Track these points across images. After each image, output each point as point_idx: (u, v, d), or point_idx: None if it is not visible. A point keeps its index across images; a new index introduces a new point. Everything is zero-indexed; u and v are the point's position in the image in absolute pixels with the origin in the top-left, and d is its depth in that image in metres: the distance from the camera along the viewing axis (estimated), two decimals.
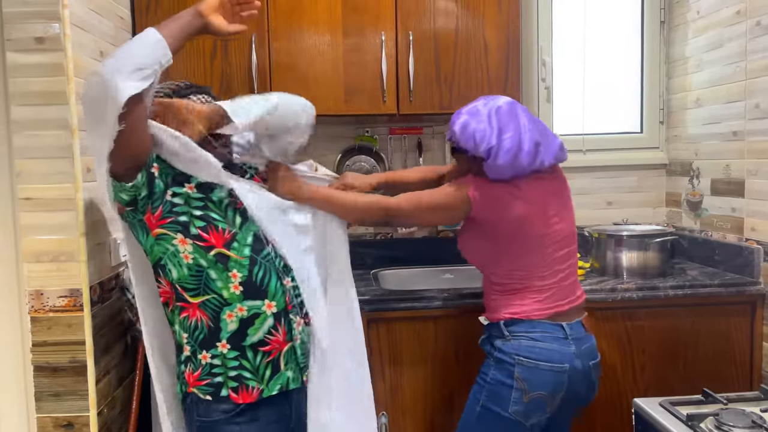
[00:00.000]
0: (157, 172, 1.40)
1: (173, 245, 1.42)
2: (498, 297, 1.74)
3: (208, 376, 1.45)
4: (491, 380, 1.69)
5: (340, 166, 2.69)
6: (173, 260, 1.43)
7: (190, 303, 1.44)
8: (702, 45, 2.50)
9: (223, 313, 1.43)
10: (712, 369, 2.15)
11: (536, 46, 2.74)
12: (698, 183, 2.55)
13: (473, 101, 1.73)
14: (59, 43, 1.62)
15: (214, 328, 1.44)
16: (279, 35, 2.25)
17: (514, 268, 1.70)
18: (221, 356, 1.44)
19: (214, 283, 1.43)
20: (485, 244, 1.73)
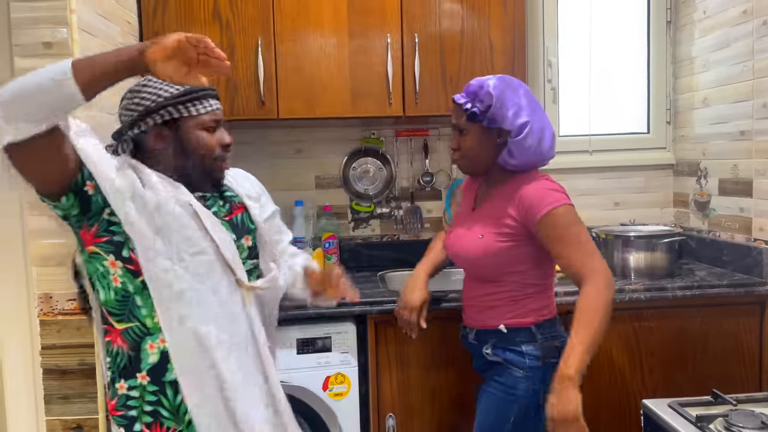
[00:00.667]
0: (92, 190, 1.29)
1: (103, 266, 1.34)
2: (526, 301, 1.64)
3: (123, 407, 1.35)
4: (523, 392, 1.59)
5: (346, 168, 2.69)
6: (102, 282, 1.35)
7: (114, 328, 1.35)
8: (708, 45, 2.49)
9: (144, 342, 1.34)
10: (721, 370, 2.14)
11: (542, 47, 2.73)
12: (706, 183, 2.54)
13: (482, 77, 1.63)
14: (67, 48, 1.63)
15: (134, 357, 1.34)
16: (285, 38, 2.26)
17: (551, 266, 1.66)
18: (140, 388, 1.35)
19: (139, 310, 1.33)
20: (531, 248, 1.60)
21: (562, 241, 1.53)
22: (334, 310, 2.02)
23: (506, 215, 1.60)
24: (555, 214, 1.53)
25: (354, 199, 2.71)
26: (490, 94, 1.57)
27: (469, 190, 1.84)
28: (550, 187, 1.58)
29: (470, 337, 1.74)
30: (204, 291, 1.36)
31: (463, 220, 1.77)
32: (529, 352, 1.61)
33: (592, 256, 1.51)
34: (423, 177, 2.71)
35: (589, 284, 1.48)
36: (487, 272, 1.66)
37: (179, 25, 2.21)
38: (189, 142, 1.40)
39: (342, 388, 2.03)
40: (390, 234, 2.74)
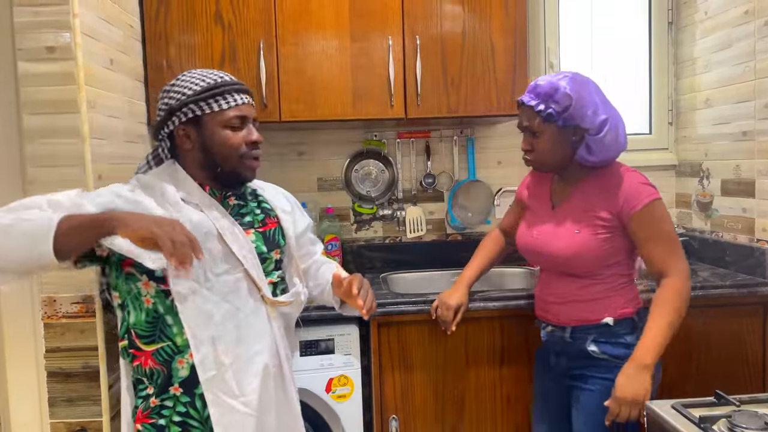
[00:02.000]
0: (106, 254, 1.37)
1: (137, 287, 1.38)
2: (624, 292, 1.68)
3: (156, 415, 1.39)
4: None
5: (348, 171, 2.70)
6: (134, 303, 1.39)
7: (143, 351, 1.40)
8: (710, 45, 2.49)
9: (174, 361, 1.38)
10: (724, 370, 2.13)
11: (543, 48, 2.74)
12: (708, 184, 2.54)
13: (550, 75, 1.65)
14: (70, 52, 1.63)
15: (166, 375, 1.39)
16: (287, 41, 2.26)
17: (631, 263, 1.70)
18: (173, 398, 1.39)
19: (170, 329, 1.37)
20: (626, 240, 1.64)
21: (654, 235, 1.59)
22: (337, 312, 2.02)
23: (600, 209, 1.64)
24: (651, 207, 1.59)
25: (356, 201, 2.72)
26: (569, 95, 1.58)
27: (537, 189, 1.84)
28: (643, 181, 1.64)
29: (565, 336, 1.70)
30: (230, 310, 1.38)
31: (542, 219, 1.76)
32: (633, 342, 1.62)
33: (678, 253, 1.60)
34: (425, 179, 2.71)
35: (672, 277, 1.57)
36: (585, 267, 1.66)
37: (181, 27, 2.21)
38: (212, 141, 1.41)
39: (345, 390, 2.03)
40: (392, 236, 2.74)
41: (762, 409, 1.43)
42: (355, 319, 2.07)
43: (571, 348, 1.70)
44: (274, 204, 1.57)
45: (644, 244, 1.60)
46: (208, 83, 1.39)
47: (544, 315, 1.77)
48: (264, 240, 1.49)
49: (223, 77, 1.43)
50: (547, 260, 1.73)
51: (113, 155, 1.86)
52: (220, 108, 1.39)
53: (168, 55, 2.22)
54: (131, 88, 2.08)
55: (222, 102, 1.39)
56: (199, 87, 1.39)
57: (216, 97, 1.38)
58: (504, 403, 2.12)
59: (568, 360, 1.72)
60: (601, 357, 1.65)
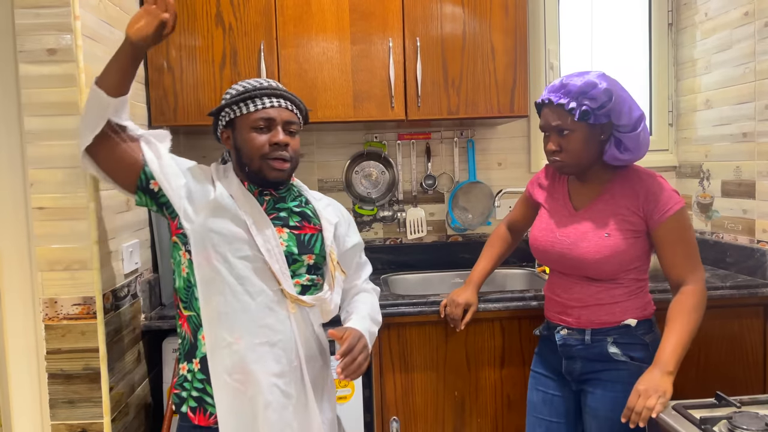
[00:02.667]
0: (157, 187, 1.47)
1: (179, 255, 1.50)
2: (642, 294, 1.69)
3: (179, 387, 1.50)
4: None
5: (348, 172, 2.70)
6: (177, 269, 1.51)
7: (183, 314, 1.50)
8: (710, 47, 2.49)
9: (200, 332, 1.46)
10: (724, 371, 2.14)
11: (544, 49, 2.74)
12: (709, 185, 2.54)
13: (573, 74, 1.62)
14: (71, 54, 1.64)
15: (194, 344, 1.48)
16: (287, 43, 2.27)
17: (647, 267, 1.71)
18: (192, 372, 1.47)
19: (197, 302, 1.45)
20: (648, 242, 1.65)
21: (680, 241, 1.60)
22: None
23: (628, 211, 1.63)
24: (681, 213, 1.60)
25: (357, 203, 2.72)
26: (608, 91, 1.55)
27: (553, 189, 1.81)
28: (671, 188, 1.64)
29: (585, 338, 1.67)
30: (242, 293, 1.43)
31: (565, 221, 1.72)
32: (650, 343, 1.65)
33: (698, 260, 1.62)
34: (425, 180, 2.71)
35: (691, 285, 1.58)
36: (611, 272, 1.64)
37: (182, 29, 2.22)
38: (241, 141, 1.50)
39: (346, 392, 2.03)
40: (393, 237, 2.74)
41: (762, 411, 1.43)
42: None
43: (589, 351, 1.67)
44: (321, 213, 1.61)
45: (669, 249, 1.60)
46: (243, 88, 1.49)
47: (561, 318, 1.73)
48: (297, 242, 1.52)
49: (261, 83, 1.50)
50: (572, 264, 1.68)
51: None
52: (247, 111, 1.47)
53: (169, 56, 2.23)
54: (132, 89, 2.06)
55: (250, 105, 1.47)
56: (235, 92, 1.49)
57: (246, 101, 1.47)
58: (504, 404, 2.12)
59: (583, 363, 1.69)
60: (622, 359, 1.64)
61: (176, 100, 2.24)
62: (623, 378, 1.61)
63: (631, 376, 1.57)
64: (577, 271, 1.68)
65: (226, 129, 1.53)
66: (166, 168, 1.47)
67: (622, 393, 1.57)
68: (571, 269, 1.69)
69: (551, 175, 1.84)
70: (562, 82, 1.60)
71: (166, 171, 1.47)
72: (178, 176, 1.48)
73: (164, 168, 1.47)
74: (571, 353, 1.70)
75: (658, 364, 1.51)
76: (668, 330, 1.54)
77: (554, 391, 1.77)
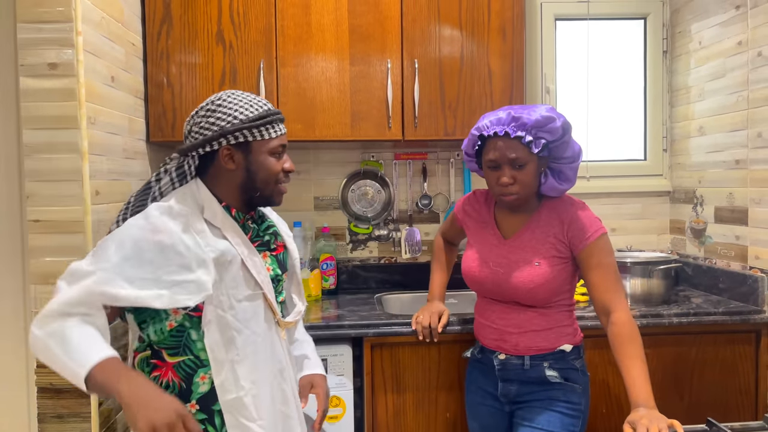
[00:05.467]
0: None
1: (163, 312, 1.39)
2: (572, 319, 1.75)
3: None
4: (584, 408, 1.70)
5: (345, 190, 2.71)
6: (155, 326, 1.39)
7: (166, 362, 1.39)
8: (704, 74, 2.53)
9: (196, 375, 1.39)
10: (716, 398, 2.13)
11: (540, 73, 2.77)
12: (702, 210, 2.56)
13: (516, 107, 1.67)
14: (72, 69, 1.65)
15: (185, 389, 1.39)
16: (287, 62, 2.29)
17: (574, 291, 1.76)
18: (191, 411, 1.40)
19: (195, 344, 1.38)
20: (573, 269, 1.71)
21: (601, 268, 1.64)
22: (330, 332, 2.03)
23: (555, 239, 1.68)
24: (601, 241, 1.65)
25: (352, 221, 2.73)
26: (566, 124, 1.63)
27: (480, 217, 1.84)
28: (593, 216, 1.70)
29: (525, 364, 1.70)
30: (250, 336, 1.41)
31: (496, 250, 1.75)
32: (580, 367, 1.72)
33: (621, 286, 1.65)
34: (421, 200, 2.73)
35: (619, 312, 1.60)
36: (543, 297, 1.68)
37: (183, 47, 2.24)
38: (257, 166, 1.44)
39: (337, 411, 2.02)
40: (387, 256, 2.75)
41: None
42: (349, 340, 2.07)
43: (527, 375, 1.71)
44: (281, 228, 1.62)
45: (592, 273, 1.64)
46: (260, 111, 1.42)
47: (498, 345, 1.75)
48: (278, 263, 1.53)
49: (268, 105, 1.46)
50: (507, 293, 1.71)
51: (111, 171, 1.87)
52: (269, 137, 1.43)
53: (169, 73, 2.25)
54: (131, 105, 2.10)
55: (271, 131, 1.44)
56: (252, 114, 1.41)
57: (267, 126, 1.42)
58: None
59: (519, 386, 1.73)
60: (558, 381, 1.68)
61: (174, 117, 2.25)
62: (558, 396, 1.68)
63: (566, 395, 1.68)
64: (511, 299, 1.72)
65: (233, 148, 1.42)
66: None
67: (557, 408, 1.67)
68: (505, 297, 1.74)
69: (478, 202, 1.87)
70: (512, 115, 1.62)
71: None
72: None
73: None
74: (509, 376, 1.74)
75: (640, 404, 1.46)
76: (629, 367, 1.51)
77: (489, 418, 1.80)
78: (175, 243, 1.32)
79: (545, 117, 1.61)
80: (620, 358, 1.55)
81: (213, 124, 1.40)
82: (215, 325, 1.38)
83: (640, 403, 1.46)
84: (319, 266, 2.55)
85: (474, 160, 1.79)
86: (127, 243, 1.31)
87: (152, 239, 1.31)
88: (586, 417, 1.72)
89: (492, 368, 1.75)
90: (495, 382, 1.76)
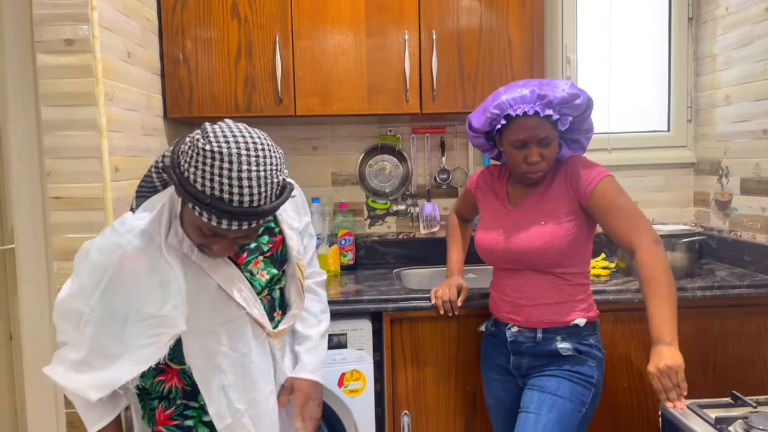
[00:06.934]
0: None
1: None
2: (586, 294, 1.73)
3: (180, 417, 1.39)
4: (597, 382, 1.68)
5: (362, 165, 2.69)
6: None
7: (172, 368, 1.38)
8: (731, 42, 2.45)
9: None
10: (741, 371, 2.11)
11: (561, 43, 2.71)
12: (727, 182, 2.50)
13: (534, 82, 1.64)
14: (88, 45, 1.65)
15: (191, 392, 1.39)
16: (303, 35, 2.26)
17: (589, 260, 1.74)
18: (199, 408, 1.40)
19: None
20: (586, 230, 1.69)
21: (613, 211, 1.61)
22: (350, 307, 2.03)
23: (559, 196, 1.68)
24: (605, 183, 1.63)
25: (370, 196, 2.71)
26: (588, 101, 1.64)
27: (493, 189, 1.84)
28: (594, 163, 1.69)
29: (537, 337, 1.70)
30: (237, 358, 1.37)
31: (504, 218, 1.76)
32: (594, 343, 1.71)
33: (641, 222, 1.60)
34: (439, 174, 2.70)
35: (639, 251, 1.56)
36: (551, 257, 1.66)
37: (198, 21, 2.22)
38: (185, 224, 1.27)
39: (357, 385, 2.03)
40: (406, 231, 2.74)
41: None
42: (368, 314, 2.07)
43: (538, 348, 1.71)
44: (281, 217, 1.46)
45: (605, 218, 1.62)
46: (207, 193, 1.13)
47: (510, 317, 1.75)
48: (272, 262, 1.44)
49: (234, 197, 1.12)
50: (516, 257, 1.70)
51: (130, 148, 1.87)
52: (200, 216, 1.16)
53: (185, 48, 2.23)
54: (148, 81, 2.09)
55: (205, 217, 1.15)
56: (207, 192, 1.13)
57: (205, 211, 1.14)
58: None
59: (530, 359, 1.72)
60: (571, 354, 1.67)
61: (191, 93, 2.24)
62: (568, 365, 1.68)
63: (577, 364, 1.67)
64: (522, 264, 1.71)
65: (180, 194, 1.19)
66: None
67: (567, 373, 1.66)
68: (516, 263, 1.72)
69: (492, 176, 1.88)
70: (537, 93, 1.60)
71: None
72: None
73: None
74: (521, 350, 1.73)
75: (658, 341, 1.49)
76: (648, 307, 1.53)
77: (504, 393, 1.80)
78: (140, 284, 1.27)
79: (571, 94, 1.60)
80: (644, 299, 1.55)
81: (186, 165, 1.15)
82: (198, 352, 1.33)
83: (657, 340, 1.49)
84: (338, 242, 2.55)
85: (482, 137, 1.77)
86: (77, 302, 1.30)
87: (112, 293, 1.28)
88: (599, 392, 1.70)
89: (504, 342, 1.75)
90: (507, 356, 1.76)
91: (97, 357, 1.29)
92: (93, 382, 1.28)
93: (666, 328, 1.48)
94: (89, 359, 1.29)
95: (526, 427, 1.62)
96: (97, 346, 1.28)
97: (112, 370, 1.28)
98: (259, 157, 1.14)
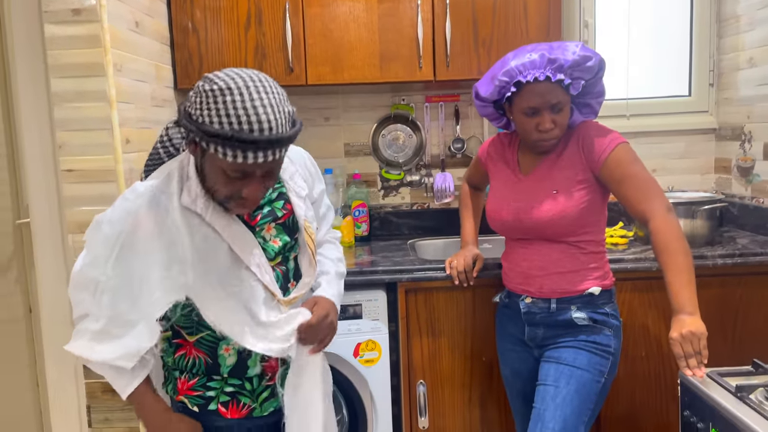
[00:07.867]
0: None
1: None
2: (602, 262, 1.69)
3: (202, 388, 1.40)
4: (614, 351, 1.66)
5: (375, 136, 2.66)
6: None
7: (187, 341, 1.39)
8: (755, 2, 2.36)
9: (219, 348, 1.37)
10: (762, 339, 2.08)
11: (578, 6, 2.64)
12: (750, 147, 2.44)
13: (542, 45, 1.58)
14: (95, 15, 1.62)
15: (212, 364, 1.38)
16: (313, 2, 2.22)
17: (603, 228, 1.71)
18: (221, 381, 1.40)
19: (205, 321, 1.32)
20: (599, 198, 1.65)
21: (626, 180, 1.57)
22: (364, 278, 2.02)
23: (570, 163, 1.64)
24: (619, 150, 1.58)
25: (383, 167, 2.69)
26: (601, 61, 1.58)
27: (504, 157, 1.80)
28: (608, 129, 1.63)
29: (551, 307, 1.67)
30: (249, 321, 1.34)
31: (516, 188, 1.72)
32: (610, 312, 1.67)
33: (654, 191, 1.56)
34: (454, 143, 2.66)
35: (653, 220, 1.52)
36: (563, 226, 1.63)
37: None
38: (208, 175, 1.25)
39: (373, 355, 2.03)
40: (420, 202, 2.71)
41: None
42: (383, 285, 2.07)
43: (553, 318, 1.68)
44: (290, 186, 1.44)
45: (619, 187, 1.58)
46: (227, 129, 1.14)
47: (523, 288, 1.72)
48: (285, 230, 1.42)
49: (254, 126, 1.14)
50: (527, 228, 1.67)
51: (140, 119, 1.86)
52: (224, 157, 1.17)
53: (193, 17, 2.20)
54: (157, 51, 2.07)
55: (229, 154, 1.16)
56: (228, 126, 1.14)
57: (228, 147, 1.15)
58: None
59: (545, 330, 1.70)
60: (586, 324, 1.65)
61: (201, 63, 2.22)
62: (584, 335, 1.65)
63: (593, 333, 1.64)
64: (534, 234, 1.68)
65: (193, 144, 1.22)
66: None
67: (585, 347, 1.63)
68: (528, 233, 1.69)
69: (502, 144, 1.83)
70: (546, 57, 1.54)
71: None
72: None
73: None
74: (535, 320, 1.71)
75: (679, 310, 1.47)
76: (666, 277, 1.50)
77: (520, 363, 1.78)
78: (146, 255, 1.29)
79: (582, 56, 1.54)
80: (661, 268, 1.52)
81: (199, 111, 1.16)
82: (215, 307, 1.31)
83: (678, 309, 1.47)
84: (351, 213, 2.54)
85: (491, 106, 1.73)
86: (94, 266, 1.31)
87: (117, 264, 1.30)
88: (617, 361, 1.68)
89: (518, 313, 1.73)
90: (522, 327, 1.74)
91: (116, 325, 1.29)
92: (119, 352, 1.30)
93: (687, 297, 1.46)
94: (108, 328, 1.29)
95: (545, 400, 1.61)
96: (115, 314, 1.29)
97: (131, 338, 1.29)
98: (266, 87, 1.18)
